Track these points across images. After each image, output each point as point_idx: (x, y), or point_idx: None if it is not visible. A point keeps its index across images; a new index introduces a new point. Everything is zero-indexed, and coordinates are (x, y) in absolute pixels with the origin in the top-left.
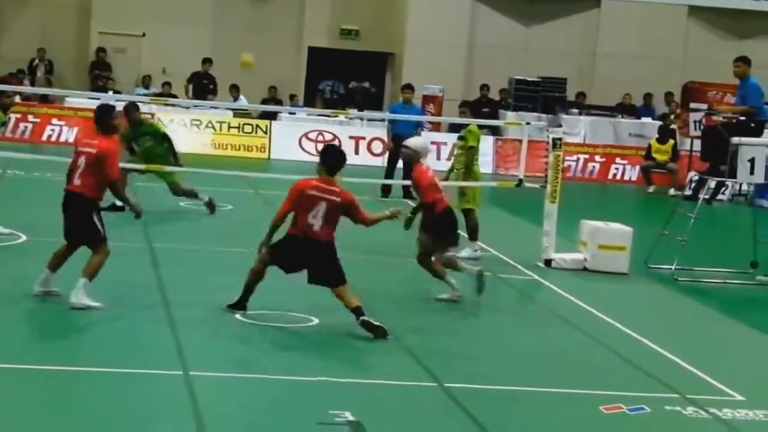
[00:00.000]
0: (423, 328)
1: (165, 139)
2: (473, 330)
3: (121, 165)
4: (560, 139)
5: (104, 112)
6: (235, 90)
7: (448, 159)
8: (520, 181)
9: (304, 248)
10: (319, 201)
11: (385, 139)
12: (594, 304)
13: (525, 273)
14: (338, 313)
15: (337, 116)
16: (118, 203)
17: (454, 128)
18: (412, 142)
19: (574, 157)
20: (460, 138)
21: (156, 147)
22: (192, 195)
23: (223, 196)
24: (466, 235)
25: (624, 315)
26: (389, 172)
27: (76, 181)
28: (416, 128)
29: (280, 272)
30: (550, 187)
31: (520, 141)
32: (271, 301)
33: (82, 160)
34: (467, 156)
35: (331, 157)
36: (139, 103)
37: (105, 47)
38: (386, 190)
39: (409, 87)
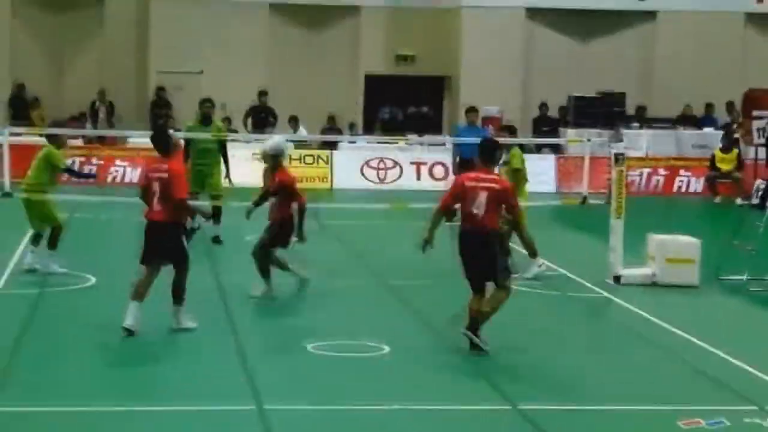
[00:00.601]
0: (493, 348)
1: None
2: (545, 349)
3: None
4: (622, 154)
5: (159, 136)
6: (293, 121)
7: None
8: (584, 198)
9: (474, 243)
10: (480, 192)
11: (448, 163)
12: (666, 318)
13: (594, 290)
14: (409, 339)
15: (397, 142)
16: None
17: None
18: (270, 145)
19: (638, 172)
20: (502, 164)
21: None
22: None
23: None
24: (527, 253)
25: (697, 328)
26: None
27: (156, 208)
28: None
29: (346, 300)
30: (615, 202)
31: (582, 158)
32: (339, 330)
33: (156, 186)
34: (515, 178)
35: (488, 151)
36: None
37: (164, 86)
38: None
39: (473, 109)
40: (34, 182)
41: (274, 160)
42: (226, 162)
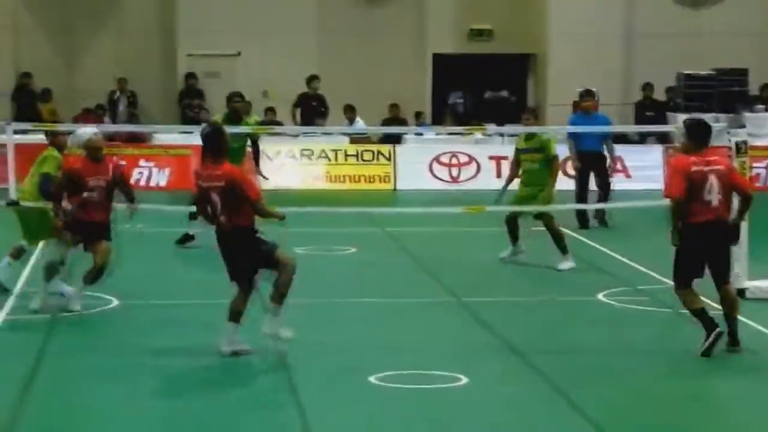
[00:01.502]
0: (588, 375)
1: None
2: (657, 376)
3: None
4: (745, 142)
5: (214, 137)
6: (350, 111)
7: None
8: None
9: (714, 234)
10: (708, 175)
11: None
12: None
13: (714, 307)
14: (489, 367)
15: (472, 134)
16: (191, 232)
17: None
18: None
19: (764, 163)
20: (533, 150)
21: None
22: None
23: (344, 238)
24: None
25: None
26: (581, 195)
27: (223, 219)
28: (603, 141)
29: (419, 326)
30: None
31: None
32: (407, 359)
33: (215, 198)
34: (554, 167)
35: (700, 133)
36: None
37: (195, 72)
38: (583, 219)
39: (588, 93)
40: (29, 189)
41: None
42: (256, 159)
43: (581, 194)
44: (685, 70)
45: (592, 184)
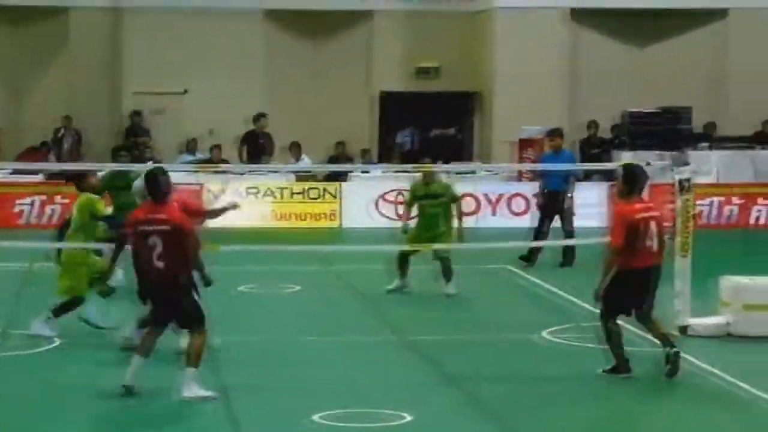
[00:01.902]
0: (534, 408)
1: None
2: (600, 415)
3: None
4: (689, 179)
5: (156, 180)
6: (296, 149)
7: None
8: None
9: (652, 277)
10: (650, 222)
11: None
12: (744, 377)
13: (656, 343)
14: (434, 405)
15: (419, 172)
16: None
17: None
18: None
19: (707, 201)
20: (433, 197)
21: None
22: None
23: (289, 276)
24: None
25: None
26: (539, 231)
27: (159, 264)
28: (568, 179)
29: (365, 364)
30: (681, 238)
31: None
32: (352, 397)
33: (155, 241)
34: (458, 209)
35: (636, 179)
36: (185, 173)
37: (141, 110)
38: (533, 254)
39: (555, 132)
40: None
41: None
42: None
43: (539, 230)
44: (630, 108)
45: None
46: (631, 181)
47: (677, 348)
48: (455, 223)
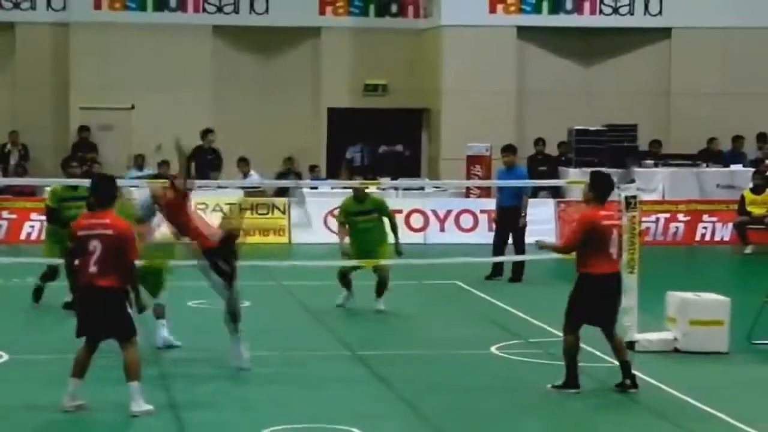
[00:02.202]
0: (485, 425)
1: None
2: (548, 429)
3: None
4: (635, 197)
5: (104, 184)
6: (244, 164)
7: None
8: None
9: (613, 285)
10: (613, 229)
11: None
12: (690, 392)
13: (603, 359)
14: (383, 421)
15: (367, 188)
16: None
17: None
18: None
19: (653, 218)
20: (367, 212)
21: None
22: None
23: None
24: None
25: (727, 403)
26: (497, 247)
27: (94, 271)
28: (521, 196)
29: (315, 380)
30: (627, 255)
31: None
32: (300, 412)
33: (95, 245)
34: (393, 223)
35: (605, 185)
36: (131, 189)
37: (88, 125)
38: (497, 270)
39: (508, 149)
40: None
41: None
42: None
43: (497, 246)
44: (576, 125)
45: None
46: (597, 188)
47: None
48: (392, 238)
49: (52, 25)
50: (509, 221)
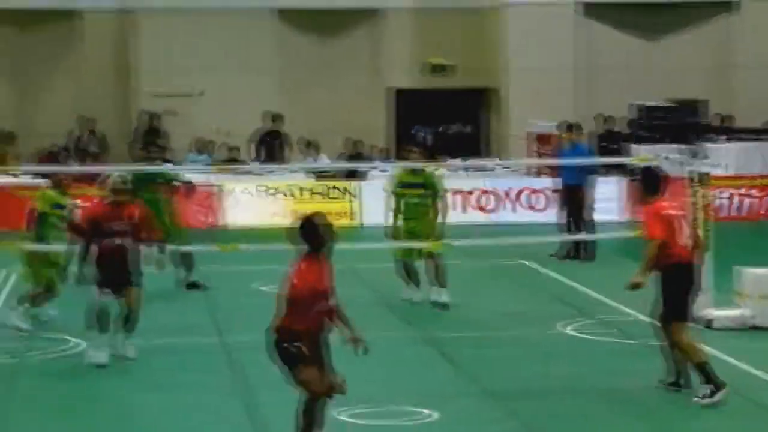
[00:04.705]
0: (561, 419)
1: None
2: (623, 417)
3: None
4: (705, 173)
5: None
6: (312, 147)
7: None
8: None
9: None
10: (681, 219)
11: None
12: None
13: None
14: (459, 402)
15: (436, 168)
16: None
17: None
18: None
19: (724, 193)
20: (417, 186)
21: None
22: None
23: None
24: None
25: None
26: (564, 228)
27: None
28: (587, 174)
29: (381, 356)
30: (699, 231)
31: None
32: (374, 394)
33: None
34: (443, 203)
35: (655, 182)
36: (197, 173)
37: (155, 111)
38: (565, 249)
39: (570, 126)
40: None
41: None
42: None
43: (563, 225)
44: (642, 101)
45: None
46: (649, 184)
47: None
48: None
49: (116, 13)
50: (574, 199)
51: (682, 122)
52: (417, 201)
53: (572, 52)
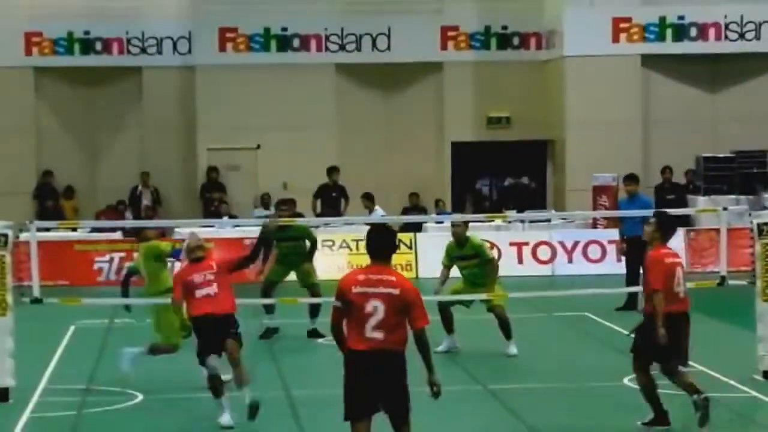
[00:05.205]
0: None
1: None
2: None
3: None
4: (767, 223)
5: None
6: (369, 200)
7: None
8: (723, 278)
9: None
10: (677, 267)
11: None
12: None
13: (739, 389)
14: None
15: (492, 221)
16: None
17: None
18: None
19: None
20: (468, 258)
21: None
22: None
23: None
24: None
25: None
26: (629, 279)
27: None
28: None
29: (451, 415)
30: (761, 282)
31: (717, 231)
32: None
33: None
34: (492, 268)
35: (671, 226)
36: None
37: (216, 165)
38: (630, 302)
39: (630, 178)
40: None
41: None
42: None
43: (628, 278)
44: (703, 152)
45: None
46: (666, 228)
47: (705, 394)
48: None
49: (178, 69)
50: (636, 251)
51: (744, 173)
52: (475, 271)
53: (633, 104)
